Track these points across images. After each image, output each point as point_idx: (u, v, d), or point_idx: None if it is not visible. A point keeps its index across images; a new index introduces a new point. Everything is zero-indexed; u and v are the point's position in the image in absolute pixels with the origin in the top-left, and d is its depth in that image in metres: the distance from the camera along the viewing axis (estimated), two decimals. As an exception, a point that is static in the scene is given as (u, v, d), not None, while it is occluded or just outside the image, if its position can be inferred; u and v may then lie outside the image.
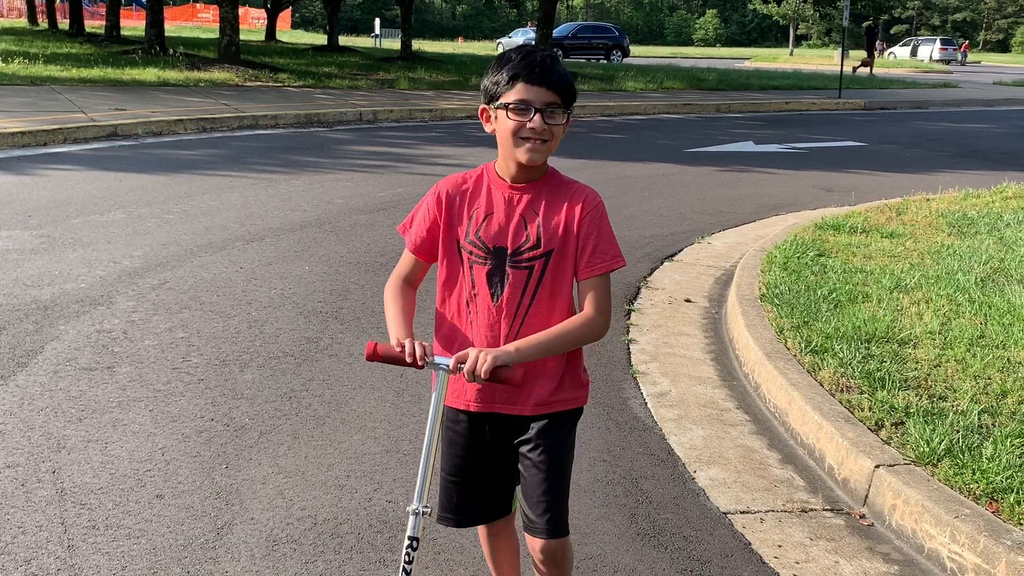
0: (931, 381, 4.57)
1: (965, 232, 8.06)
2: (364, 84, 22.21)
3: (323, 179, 10.62)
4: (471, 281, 2.41)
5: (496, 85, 2.33)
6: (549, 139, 2.31)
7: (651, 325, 6.05)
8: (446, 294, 2.47)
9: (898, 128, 19.35)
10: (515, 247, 2.38)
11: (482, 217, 2.39)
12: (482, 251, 2.39)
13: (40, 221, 7.96)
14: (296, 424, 4.35)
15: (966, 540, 3.25)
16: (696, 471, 4.08)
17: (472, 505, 2.58)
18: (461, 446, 2.52)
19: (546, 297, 2.39)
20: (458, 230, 2.42)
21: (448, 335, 2.47)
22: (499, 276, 2.38)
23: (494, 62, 2.37)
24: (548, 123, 2.29)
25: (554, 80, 2.29)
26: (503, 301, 2.38)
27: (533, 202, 2.39)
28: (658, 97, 23.09)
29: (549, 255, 2.37)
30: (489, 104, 2.36)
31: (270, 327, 5.63)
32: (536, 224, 2.37)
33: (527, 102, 2.28)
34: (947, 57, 60.82)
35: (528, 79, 2.28)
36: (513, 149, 2.32)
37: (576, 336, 2.36)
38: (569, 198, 2.40)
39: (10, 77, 18.66)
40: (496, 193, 2.41)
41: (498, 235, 2.38)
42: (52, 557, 3.21)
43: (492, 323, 2.40)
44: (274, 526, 3.47)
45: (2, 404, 4.42)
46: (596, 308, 2.37)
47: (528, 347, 2.29)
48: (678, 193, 10.79)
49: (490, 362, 2.19)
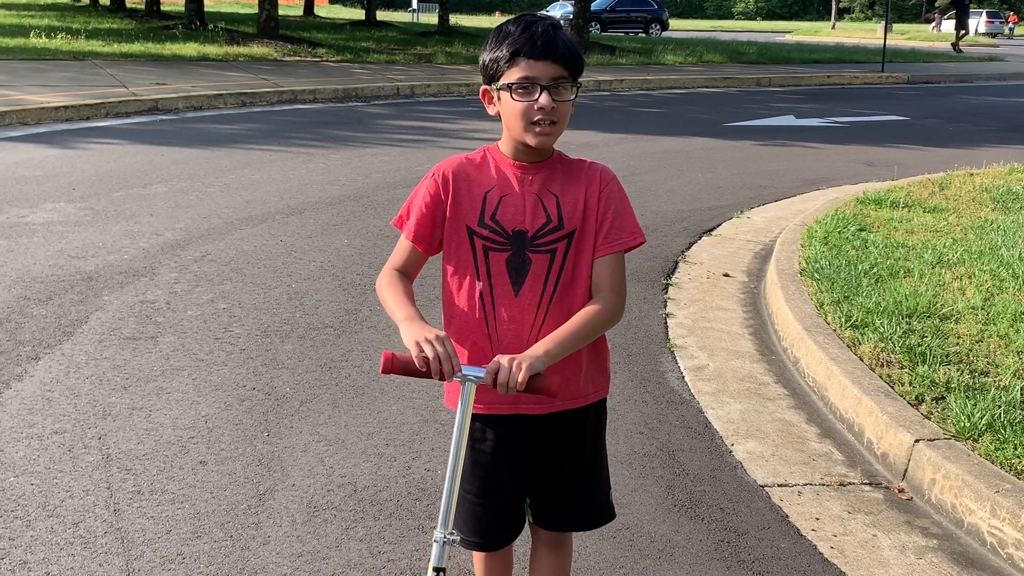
0: (973, 356, 4.53)
1: (1010, 207, 7.93)
2: (402, 59, 22.22)
3: (361, 153, 10.66)
4: (487, 271, 2.19)
5: (496, 63, 2.11)
6: (558, 120, 2.10)
7: (689, 299, 6.03)
8: (454, 288, 2.24)
9: (942, 102, 19.04)
10: (535, 230, 2.17)
11: (497, 199, 2.19)
12: (501, 236, 2.18)
13: (84, 194, 8.08)
14: (336, 393, 4.40)
15: (1007, 515, 3.22)
16: (733, 444, 4.07)
17: (502, 525, 2.36)
18: (487, 465, 2.28)
19: (568, 282, 2.20)
20: (468, 215, 2.20)
21: (459, 334, 2.23)
22: (520, 262, 2.18)
23: (491, 35, 2.15)
24: (556, 100, 2.07)
25: (559, 52, 2.07)
26: (525, 290, 2.18)
27: (547, 181, 2.19)
28: (697, 71, 22.88)
29: (571, 236, 2.18)
30: (490, 84, 2.14)
31: (310, 299, 5.69)
32: (555, 203, 2.18)
33: (532, 79, 2.06)
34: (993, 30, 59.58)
35: (531, 54, 2.06)
36: (522, 133, 2.12)
37: (599, 323, 2.15)
38: (584, 174, 2.22)
39: (53, 52, 18.88)
40: (507, 173, 2.20)
41: (516, 217, 2.18)
42: (99, 520, 3.28)
43: (513, 315, 2.19)
44: (315, 493, 3.52)
45: (49, 372, 4.51)
46: (613, 289, 2.19)
47: (556, 346, 2.07)
48: (717, 167, 10.71)
49: (525, 372, 1.96)
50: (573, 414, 2.30)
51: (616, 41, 31.89)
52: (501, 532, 2.37)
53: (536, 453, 2.31)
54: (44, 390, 4.31)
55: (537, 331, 2.19)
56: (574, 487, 2.36)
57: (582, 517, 2.42)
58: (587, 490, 2.39)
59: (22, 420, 4.01)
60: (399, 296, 2.17)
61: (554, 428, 2.29)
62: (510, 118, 2.12)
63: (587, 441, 2.36)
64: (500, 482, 2.30)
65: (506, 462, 2.29)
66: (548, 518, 2.41)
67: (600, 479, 2.43)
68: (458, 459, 2.03)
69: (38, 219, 7.20)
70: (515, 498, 2.36)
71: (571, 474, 2.35)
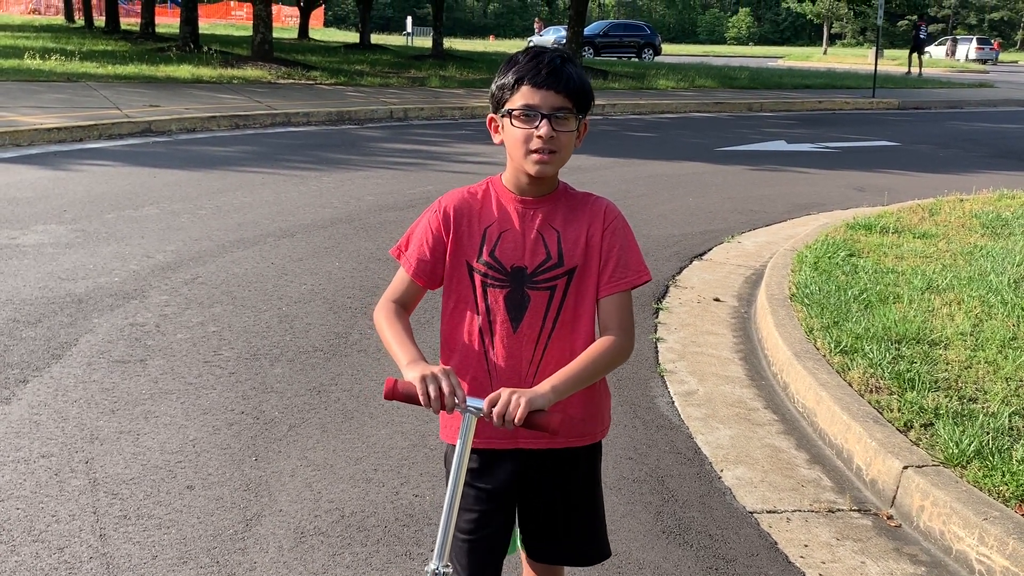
0: (961, 383, 4.54)
1: (999, 233, 7.97)
2: (395, 82, 22.29)
3: (354, 176, 10.68)
4: (486, 307, 2.18)
5: (502, 90, 2.11)
6: (558, 149, 2.09)
7: (679, 324, 6.04)
8: (455, 323, 2.23)
9: (932, 128, 19.15)
10: (535, 266, 2.16)
11: (496, 235, 2.17)
12: (499, 272, 2.16)
13: (75, 216, 8.07)
14: (325, 418, 4.39)
15: (995, 542, 3.22)
16: (723, 470, 4.07)
17: (488, 561, 2.30)
18: (478, 499, 2.24)
19: (569, 319, 2.18)
20: (468, 250, 2.18)
21: (459, 368, 2.21)
22: (518, 299, 2.16)
23: (502, 65, 2.16)
24: (557, 130, 2.06)
25: (563, 82, 2.06)
26: (523, 326, 2.17)
27: (549, 216, 2.17)
28: (690, 96, 23.00)
29: (572, 273, 2.16)
30: (496, 112, 2.15)
31: (300, 322, 5.68)
32: (556, 240, 2.16)
33: (533, 107, 2.06)
34: (984, 56, 60.05)
35: (534, 82, 2.06)
36: (522, 160, 2.10)
37: (606, 361, 2.13)
38: (588, 210, 2.19)
39: (47, 74, 18.91)
40: (508, 208, 2.18)
41: (515, 254, 2.16)
42: (84, 546, 3.26)
43: (512, 352, 2.18)
44: (302, 518, 3.50)
45: (37, 395, 4.49)
46: (621, 328, 2.16)
47: (564, 383, 2.04)
48: (708, 192, 10.75)
49: (524, 407, 1.93)
50: (569, 452, 2.27)
51: (609, 66, 32.08)
52: (489, 567, 2.32)
53: (528, 487, 2.29)
54: (32, 413, 4.29)
55: (535, 368, 2.18)
56: (569, 524, 2.33)
57: (576, 553, 2.39)
58: (581, 527, 2.35)
59: (9, 443, 3.99)
60: (400, 335, 2.16)
61: (549, 464, 2.27)
62: (511, 145, 2.12)
63: (582, 479, 2.33)
64: (487, 518, 2.27)
65: (496, 497, 2.26)
66: (540, 551, 2.38)
67: (596, 516, 2.39)
68: (456, 489, 2.01)
69: (29, 241, 7.19)
70: (503, 532, 2.32)
71: (566, 511, 2.32)
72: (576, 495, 2.33)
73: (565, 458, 2.28)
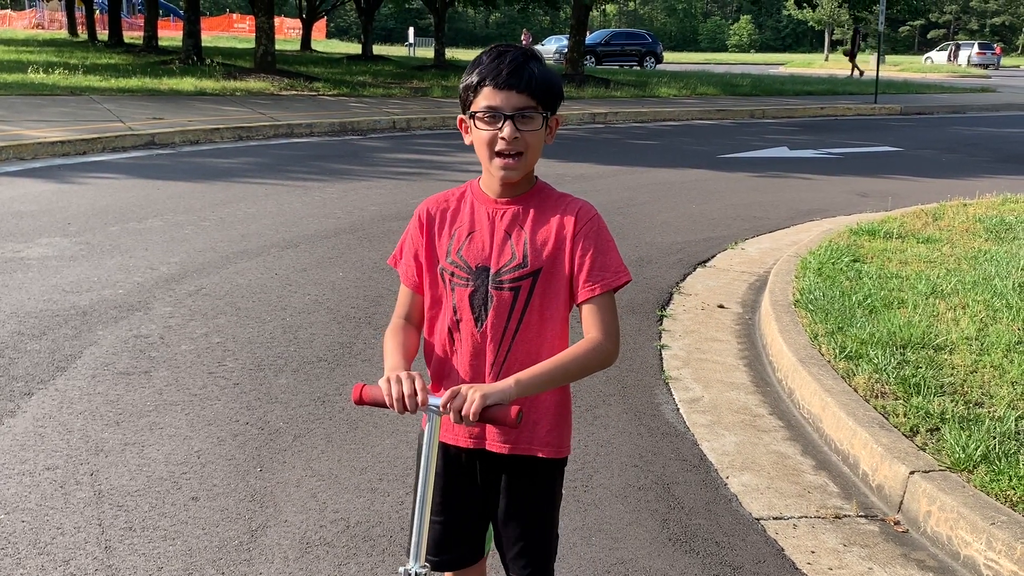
0: (967, 387, 4.53)
1: (1003, 237, 7.96)
2: (398, 92, 22.35)
3: (357, 186, 10.69)
4: (453, 306, 2.17)
5: (467, 91, 2.08)
6: (524, 150, 2.05)
7: (683, 331, 6.03)
8: (432, 322, 2.24)
9: (935, 133, 19.15)
10: (499, 267, 2.13)
11: (464, 235, 2.17)
12: (464, 271, 2.15)
13: (79, 228, 8.09)
14: (329, 428, 4.38)
15: (1003, 547, 3.21)
16: (728, 477, 4.06)
17: (455, 546, 2.30)
18: (447, 482, 2.25)
19: (535, 321, 2.14)
20: (440, 251, 2.19)
21: (437, 367, 2.24)
22: (482, 299, 2.14)
23: (468, 65, 2.12)
24: (521, 130, 2.03)
25: (524, 81, 2.02)
26: (487, 326, 2.14)
27: (518, 217, 2.15)
28: (692, 103, 23.02)
29: (536, 275, 2.12)
30: (464, 113, 2.12)
31: (304, 332, 5.68)
32: (522, 241, 2.13)
33: (495, 109, 2.03)
34: (985, 62, 60.06)
35: (495, 83, 2.02)
36: (488, 164, 2.09)
37: (582, 364, 2.08)
38: (560, 212, 2.14)
39: (51, 87, 18.98)
40: (480, 209, 2.18)
41: (481, 254, 2.15)
42: (90, 558, 3.26)
43: (476, 351, 2.16)
44: (307, 528, 3.50)
45: (42, 408, 4.49)
46: (602, 331, 2.10)
47: (530, 379, 2.02)
48: (711, 199, 10.75)
49: (479, 402, 1.93)
50: (533, 461, 2.22)
51: (611, 74, 32.12)
52: (455, 552, 2.31)
53: (490, 489, 2.27)
54: (37, 425, 4.29)
55: (498, 369, 2.15)
56: (515, 534, 2.27)
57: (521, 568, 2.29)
58: (527, 541, 2.27)
59: (14, 456, 3.99)
60: (391, 349, 2.18)
61: (511, 468, 2.23)
62: (478, 147, 2.10)
63: (538, 492, 2.27)
64: (454, 501, 2.27)
65: (464, 483, 2.26)
66: (504, 558, 2.33)
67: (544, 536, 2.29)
68: (427, 488, 2.01)
69: (33, 254, 7.21)
70: (471, 522, 2.30)
71: (516, 520, 2.26)
72: (528, 506, 2.26)
73: (523, 464, 2.22)
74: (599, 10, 45.32)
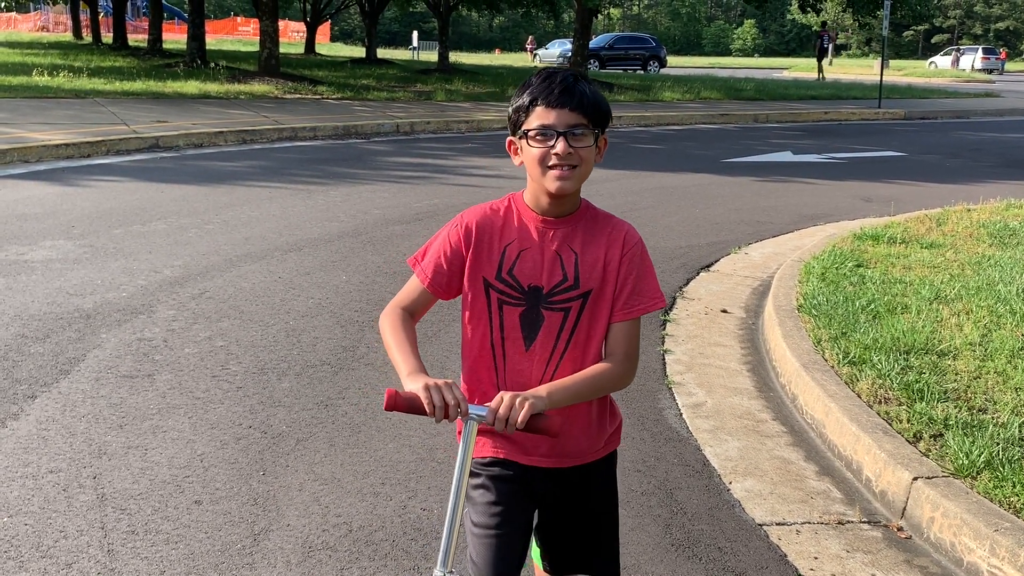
0: (971, 393, 4.52)
1: (1007, 243, 7.95)
2: (402, 96, 22.36)
3: (360, 190, 10.70)
4: (500, 323, 2.20)
5: (518, 112, 2.14)
6: (578, 164, 2.10)
7: (687, 336, 6.03)
8: (470, 333, 2.26)
9: (939, 138, 19.14)
10: (551, 287, 2.17)
11: (515, 253, 2.19)
12: (516, 291, 2.18)
13: (83, 231, 8.10)
14: (332, 432, 4.38)
15: (1006, 554, 3.20)
16: (731, 482, 4.06)
17: (512, 559, 2.27)
18: (499, 493, 2.25)
19: (582, 341, 2.19)
20: (487, 267, 2.20)
21: (472, 377, 2.27)
22: (533, 319, 2.18)
23: (518, 88, 2.18)
24: (574, 147, 2.08)
25: (576, 100, 2.09)
26: (536, 346, 2.19)
27: (568, 237, 2.18)
28: (695, 107, 23.02)
29: (587, 296, 2.17)
30: (514, 134, 2.17)
31: (307, 336, 5.68)
32: (573, 262, 2.17)
33: (548, 127, 2.08)
34: (989, 66, 60.03)
35: (547, 102, 2.08)
36: (541, 179, 2.11)
37: (606, 383, 2.17)
38: (608, 234, 2.20)
39: (55, 90, 19.01)
40: (528, 227, 2.20)
41: (532, 273, 2.18)
42: (92, 561, 3.26)
43: (522, 370, 2.20)
44: (310, 532, 3.50)
45: (45, 411, 4.50)
46: (628, 354, 2.18)
47: (559, 392, 2.08)
48: (715, 203, 10.74)
49: (527, 410, 1.97)
50: (583, 468, 2.30)
51: (615, 78, 32.16)
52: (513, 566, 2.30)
53: (544, 502, 2.32)
54: (40, 429, 4.30)
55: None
56: (582, 537, 2.35)
57: (587, 567, 2.38)
58: (594, 541, 2.36)
59: (17, 459, 3.99)
60: (403, 344, 2.18)
61: (563, 480, 2.29)
62: (530, 165, 2.13)
63: (596, 493, 2.36)
64: (508, 514, 2.26)
65: (519, 495, 2.27)
66: (556, 565, 2.40)
67: (610, 530, 2.40)
68: (459, 495, 2.03)
69: (37, 257, 7.22)
70: (523, 535, 2.31)
71: (580, 525, 2.34)
72: (592, 505, 2.36)
73: (583, 472, 2.30)
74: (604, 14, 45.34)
